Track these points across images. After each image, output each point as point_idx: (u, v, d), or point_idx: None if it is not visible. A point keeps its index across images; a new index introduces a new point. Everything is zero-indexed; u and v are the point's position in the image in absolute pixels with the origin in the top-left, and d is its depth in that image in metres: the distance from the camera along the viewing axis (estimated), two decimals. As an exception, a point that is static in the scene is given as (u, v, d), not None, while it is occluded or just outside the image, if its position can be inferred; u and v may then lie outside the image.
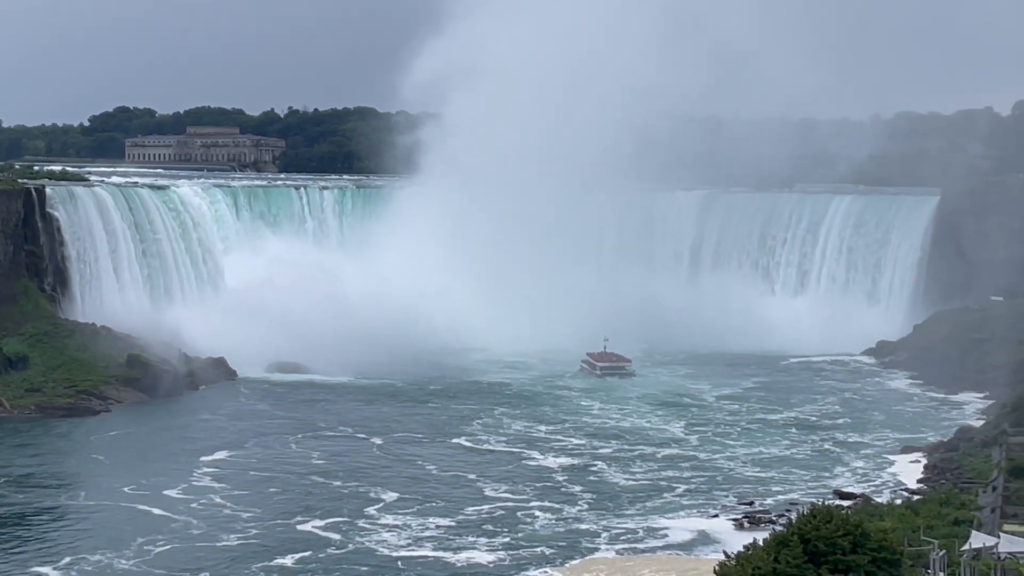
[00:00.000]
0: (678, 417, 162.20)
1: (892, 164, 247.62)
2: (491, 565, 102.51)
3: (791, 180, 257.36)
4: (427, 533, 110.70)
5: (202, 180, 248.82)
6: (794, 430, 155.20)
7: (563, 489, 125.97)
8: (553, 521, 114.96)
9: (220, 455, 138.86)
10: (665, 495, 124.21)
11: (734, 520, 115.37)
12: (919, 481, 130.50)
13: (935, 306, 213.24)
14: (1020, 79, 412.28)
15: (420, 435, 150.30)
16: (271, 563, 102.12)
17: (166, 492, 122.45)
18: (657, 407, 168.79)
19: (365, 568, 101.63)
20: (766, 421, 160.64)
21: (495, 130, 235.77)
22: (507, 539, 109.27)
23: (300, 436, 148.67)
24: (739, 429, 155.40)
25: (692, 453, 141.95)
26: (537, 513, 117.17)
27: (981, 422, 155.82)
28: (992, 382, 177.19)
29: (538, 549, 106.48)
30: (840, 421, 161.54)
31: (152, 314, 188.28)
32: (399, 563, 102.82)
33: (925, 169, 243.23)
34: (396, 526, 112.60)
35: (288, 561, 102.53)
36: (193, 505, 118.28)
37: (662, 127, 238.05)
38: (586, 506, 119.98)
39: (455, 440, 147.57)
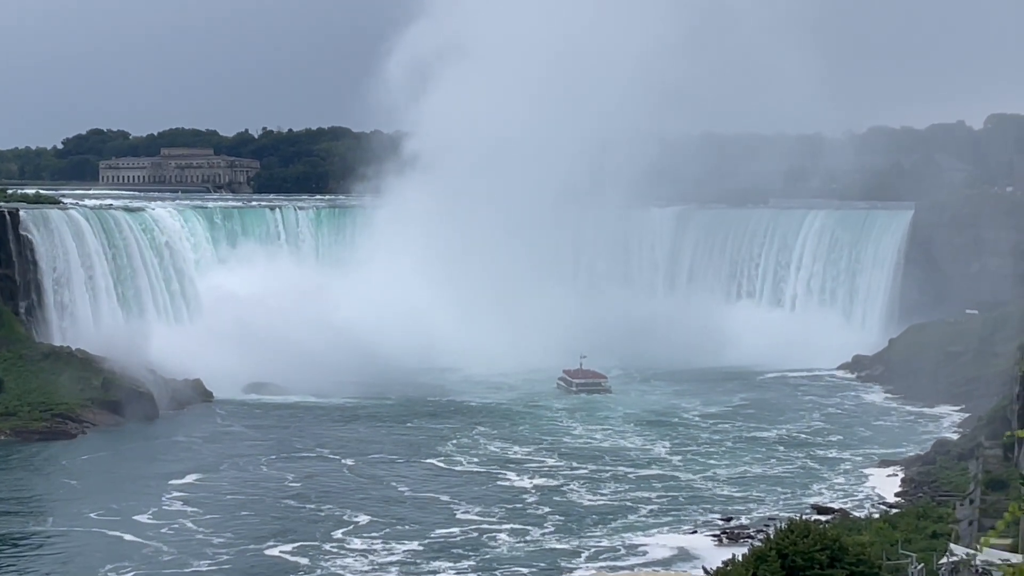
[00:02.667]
0: (657, 435, 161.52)
1: (866, 179, 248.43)
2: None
3: (765, 196, 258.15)
4: (397, 557, 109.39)
5: (177, 201, 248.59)
6: (773, 447, 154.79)
7: (539, 509, 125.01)
8: (530, 541, 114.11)
9: (193, 478, 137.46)
10: (643, 513, 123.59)
11: (713, 536, 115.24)
12: (897, 495, 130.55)
13: (910, 320, 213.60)
14: (992, 92, 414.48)
15: (395, 456, 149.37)
16: None
17: (136, 517, 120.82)
18: (635, 425, 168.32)
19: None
20: (746, 438, 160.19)
21: (469, 148, 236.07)
22: (482, 561, 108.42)
23: (274, 458, 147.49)
24: (720, 447, 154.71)
25: (672, 472, 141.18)
26: (513, 533, 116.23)
27: (958, 435, 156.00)
28: (968, 395, 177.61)
29: (515, 569, 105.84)
30: (818, 437, 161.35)
31: (128, 337, 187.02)
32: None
33: (899, 183, 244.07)
34: (366, 550, 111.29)
35: None
36: (163, 530, 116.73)
37: (637, 143, 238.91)
38: (564, 525, 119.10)
39: (431, 461, 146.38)
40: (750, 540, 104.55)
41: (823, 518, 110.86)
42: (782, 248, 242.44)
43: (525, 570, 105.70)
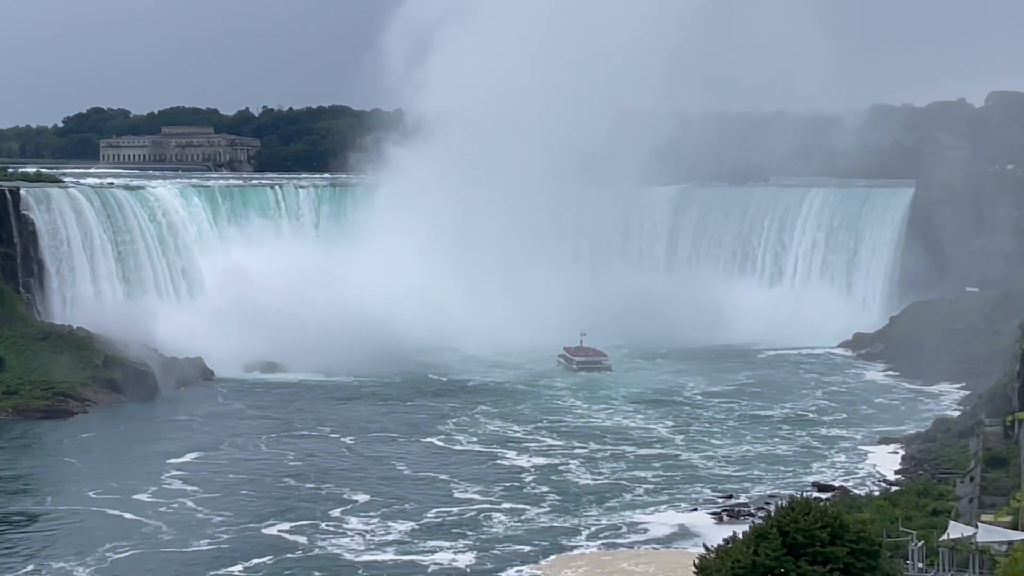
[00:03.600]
0: (659, 414, 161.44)
1: (867, 157, 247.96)
2: (468, 569, 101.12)
3: (766, 173, 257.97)
4: (394, 536, 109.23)
5: (177, 180, 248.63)
6: (774, 426, 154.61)
7: (538, 488, 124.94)
8: (529, 520, 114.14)
9: (194, 457, 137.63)
10: (644, 491, 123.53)
11: (713, 514, 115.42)
12: (897, 472, 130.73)
13: (911, 298, 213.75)
14: (993, 71, 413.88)
15: (396, 435, 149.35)
16: (229, 569, 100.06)
17: (136, 496, 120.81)
18: (637, 404, 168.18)
19: (320, 572, 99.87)
20: (747, 416, 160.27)
21: (473, 118, 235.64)
22: (482, 539, 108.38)
23: (275, 436, 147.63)
24: (722, 426, 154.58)
25: (673, 451, 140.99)
26: (511, 513, 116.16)
27: (958, 413, 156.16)
28: (968, 373, 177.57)
29: (515, 547, 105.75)
30: (819, 415, 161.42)
31: (129, 315, 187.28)
32: (366, 567, 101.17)
33: (900, 161, 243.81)
34: (363, 529, 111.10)
35: (244, 567, 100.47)
36: (163, 509, 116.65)
37: (638, 121, 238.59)
38: (564, 503, 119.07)
39: (431, 440, 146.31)
40: (751, 518, 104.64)
41: (824, 496, 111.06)
42: (783, 226, 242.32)
43: (526, 548, 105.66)
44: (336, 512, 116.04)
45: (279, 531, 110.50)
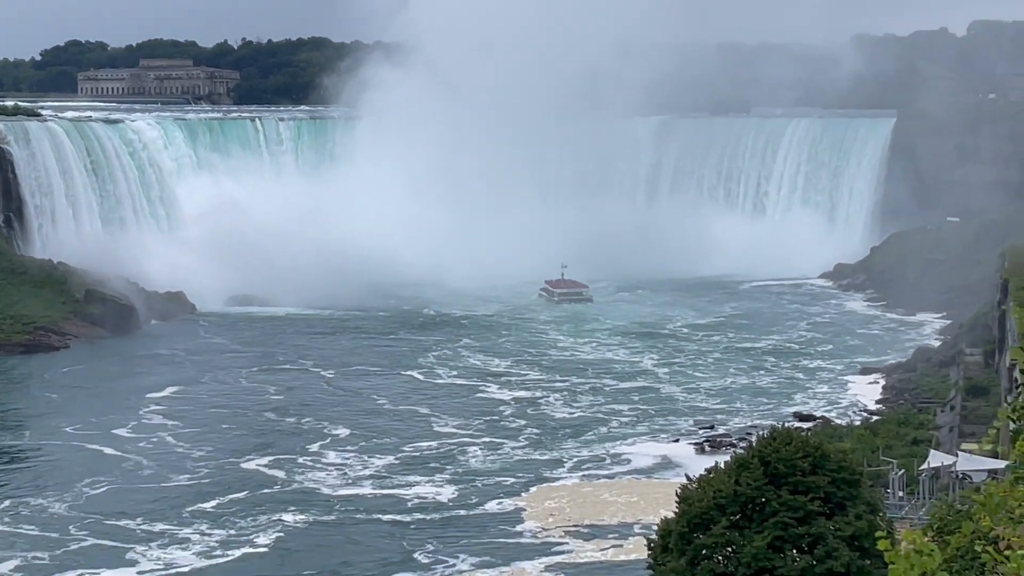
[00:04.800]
0: (643, 346, 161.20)
1: (848, 86, 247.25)
2: (449, 502, 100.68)
3: (747, 104, 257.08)
4: (377, 470, 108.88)
5: (157, 113, 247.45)
6: (759, 358, 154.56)
7: (521, 420, 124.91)
8: (511, 452, 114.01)
9: (174, 391, 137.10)
10: (627, 423, 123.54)
11: (695, 444, 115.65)
12: (878, 402, 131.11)
13: (892, 228, 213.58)
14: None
15: (377, 368, 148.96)
16: (206, 504, 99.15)
17: (116, 431, 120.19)
18: (622, 337, 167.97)
19: (296, 507, 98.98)
20: (732, 348, 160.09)
21: (451, 60, 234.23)
22: (462, 472, 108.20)
23: (256, 370, 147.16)
24: (705, 358, 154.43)
25: (656, 384, 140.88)
26: (494, 445, 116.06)
27: (939, 342, 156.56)
28: (950, 303, 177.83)
29: (497, 480, 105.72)
30: (800, 346, 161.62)
31: (109, 249, 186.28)
32: (344, 501, 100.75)
33: (881, 91, 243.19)
34: (344, 463, 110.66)
35: (221, 502, 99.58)
36: (142, 444, 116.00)
37: (634, 53, 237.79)
38: (546, 435, 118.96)
39: (411, 373, 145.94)
40: (732, 448, 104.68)
41: (805, 426, 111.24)
42: (765, 157, 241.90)
43: (508, 480, 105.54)
44: (315, 446, 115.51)
45: (258, 465, 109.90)
